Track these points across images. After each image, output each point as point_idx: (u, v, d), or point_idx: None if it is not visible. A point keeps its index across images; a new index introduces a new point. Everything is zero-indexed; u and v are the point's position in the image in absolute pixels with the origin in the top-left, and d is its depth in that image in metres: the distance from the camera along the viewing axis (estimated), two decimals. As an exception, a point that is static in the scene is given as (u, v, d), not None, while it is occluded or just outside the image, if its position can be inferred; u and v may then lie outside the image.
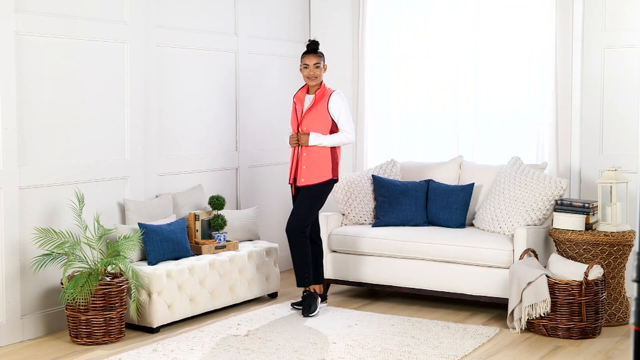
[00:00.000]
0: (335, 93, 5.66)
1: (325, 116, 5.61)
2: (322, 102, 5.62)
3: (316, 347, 4.83)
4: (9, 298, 4.92)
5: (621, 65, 6.03)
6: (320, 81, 5.65)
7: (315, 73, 5.61)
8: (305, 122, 5.62)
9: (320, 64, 5.64)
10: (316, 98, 5.63)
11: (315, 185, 5.61)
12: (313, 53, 5.64)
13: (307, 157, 5.61)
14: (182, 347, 4.81)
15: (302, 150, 5.62)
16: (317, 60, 5.62)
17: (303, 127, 5.62)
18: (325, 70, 5.69)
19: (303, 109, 5.67)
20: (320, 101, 5.62)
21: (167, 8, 5.96)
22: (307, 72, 5.63)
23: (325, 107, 5.61)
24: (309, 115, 5.62)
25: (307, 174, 5.60)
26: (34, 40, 5.04)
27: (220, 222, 5.76)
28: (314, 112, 5.62)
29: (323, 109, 5.61)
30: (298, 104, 5.71)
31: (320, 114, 5.61)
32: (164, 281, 5.17)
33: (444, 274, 5.68)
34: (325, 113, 5.61)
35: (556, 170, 6.22)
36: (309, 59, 5.63)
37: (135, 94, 5.68)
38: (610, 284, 5.30)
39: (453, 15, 6.71)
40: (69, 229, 5.14)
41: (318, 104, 5.62)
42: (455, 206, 5.99)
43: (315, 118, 5.61)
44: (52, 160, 5.16)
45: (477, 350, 4.81)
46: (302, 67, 5.66)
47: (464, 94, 6.69)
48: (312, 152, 5.60)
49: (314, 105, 5.62)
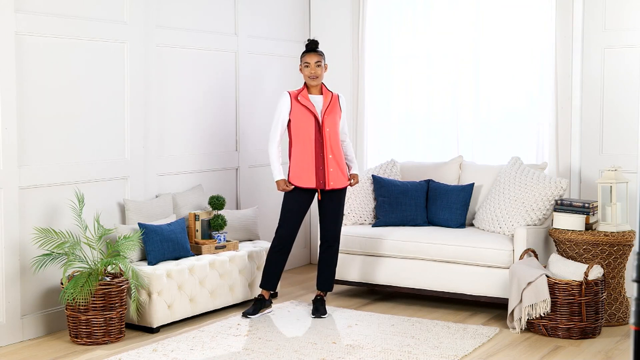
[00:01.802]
0: (340, 94, 5.64)
1: (338, 117, 5.55)
2: (335, 102, 5.54)
3: (316, 347, 4.83)
4: (9, 298, 4.92)
5: (621, 65, 6.03)
6: (321, 80, 5.55)
7: (317, 72, 5.49)
8: (328, 123, 5.47)
9: (322, 62, 5.52)
10: (329, 98, 5.51)
11: (344, 189, 5.56)
12: (314, 51, 5.52)
13: (332, 159, 5.47)
14: (182, 347, 4.81)
15: (327, 152, 5.46)
16: (318, 59, 5.51)
17: (326, 128, 5.45)
18: (326, 69, 5.58)
19: (318, 109, 5.48)
20: (333, 101, 5.53)
21: (167, 8, 5.96)
22: (308, 70, 5.49)
23: (338, 108, 5.55)
24: (329, 115, 5.48)
25: (335, 176, 5.48)
26: (34, 40, 5.04)
27: (220, 222, 5.76)
28: (332, 113, 5.50)
29: (336, 109, 5.54)
30: (304, 105, 5.46)
31: (336, 114, 5.53)
32: (164, 281, 5.17)
33: (444, 274, 5.68)
34: (339, 113, 5.55)
35: (556, 170, 6.23)
36: (310, 58, 5.50)
37: (135, 94, 5.68)
38: (610, 284, 5.30)
39: (453, 15, 6.71)
40: (69, 229, 5.14)
41: (332, 104, 5.51)
42: (455, 206, 5.99)
43: (334, 119, 5.50)
44: (52, 160, 5.16)
45: (477, 350, 4.81)
46: (303, 66, 5.52)
47: (464, 94, 6.69)
48: (338, 154, 5.50)
49: (331, 105, 5.51)
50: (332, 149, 5.46)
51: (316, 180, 5.44)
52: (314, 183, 5.45)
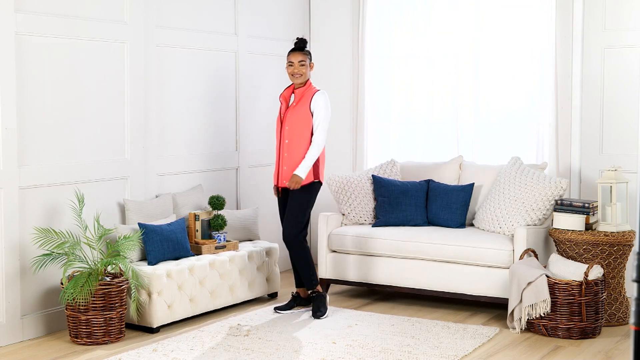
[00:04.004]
0: (319, 92, 5.56)
1: (307, 115, 5.51)
2: (305, 100, 5.54)
3: (316, 347, 4.83)
4: (9, 298, 4.92)
5: (621, 65, 6.03)
6: (305, 79, 5.57)
7: (300, 70, 5.53)
8: (288, 121, 5.54)
9: (306, 61, 5.56)
10: (299, 96, 5.55)
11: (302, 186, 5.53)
12: (299, 51, 5.57)
13: (288, 157, 5.54)
14: (182, 347, 4.81)
15: (283, 150, 5.56)
16: (302, 58, 5.55)
17: (285, 126, 5.53)
18: (312, 68, 5.63)
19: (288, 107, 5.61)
20: (302, 99, 5.54)
21: (167, 8, 5.96)
22: (291, 69, 5.55)
23: (307, 106, 5.52)
24: (292, 113, 5.54)
25: (288, 175, 5.52)
26: (34, 40, 5.04)
27: (220, 222, 5.76)
28: (296, 110, 5.54)
29: (305, 108, 5.52)
30: (283, 103, 5.63)
31: (302, 112, 5.52)
32: (164, 281, 5.17)
33: (444, 274, 5.68)
34: (307, 112, 5.52)
35: (556, 170, 6.22)
36: (294, 57, 5.56)
37: (135, 94, 5.68)
38: (610, 284, 5.30)
39: (453, 15, 6.71)
40: (69, 229, 5.14)
41: (300, 102, 5.54)
42: (455, 206, 5.99)
43: (297, 116, 5.52)
44: (52, 160, 5.16)
45: (477, 350, 4.81)
46: (287, 64, 5.59)
47: (464, 94, 6.69)
48: (293, 152, 5.52)
49: (297, 103, 5.55)
50: (288, 147, 5.54)
51: (278, 177, 5.62)
52: (276, 180, 5.64)
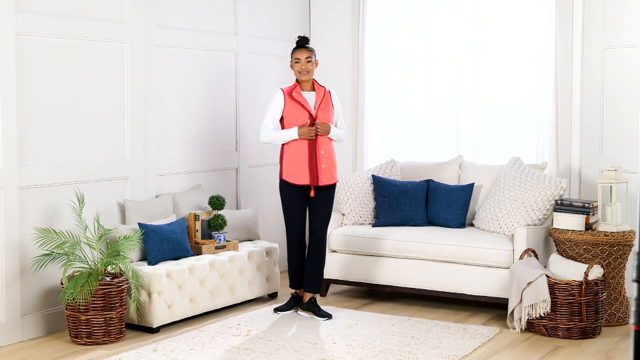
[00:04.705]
0: (332, 91, 5.65)
1: (332, 112, 5.55)
2: (327, 98, 5.55)
3: (316, 347, 4.83)
4: (9, 298, 4.92)
5: (621, 65, 6.03)
6: (312, 76, 5.56)
7: (308, 67, 5.50)
8: (320, 119, 5.47)
9: (312, 58, 5.53)
10: (320, 95, 5.52)
11: (334, 185, 5.56)
12: (304, 47, 5.53)
13: (325, 155, 5.48)
14: (182, 347, 4.81)
15: (319, 148, 5.46)
16: (308, 54, 5.51)
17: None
18: (317, 65, 5.59)
19: (312, 105, 5.50)
20: (325, 97, 5.54)
21: (167, 8, 5.96)
22: (299, 66, 5.50)
23: (330, 103, 5.55)
24: (322, 112, 5.49)
25: (327, 172, 5.49)
26: (34, 40, 5.04)
27: (220, 222, 5.76)
28: (325, 110, 5.51)
29: (329, 106, 5.54)
30: (297, 101, 5.47)
31: (329, 110, 5.53)
32: (164, 281, 5.17)
33: (444, 274, 5.68)
34: (331, 109, 5.55)
35: (556, 170, 6.23)
36: (301, 53, 5.51)
37: (135, 94, 5.68)
38: (610, 284, 5.30)
39: (453, 15, 6.71)
40: (69, 229, 5.14)
41: (324, 99, 5.52)
42: (455, 206, 5.99)
43: (327, 115, 5.51)
44: (52, 160, 5.16)
45: (477, 350, 4.81)
46: (294, 62, 5.53)
47: (464, 94, 6.68)
48: (329, 150, 5.49)
49: (323, 100, 5.52)
50: (324, 144, 5.48)
51: (310, 176, 5.45)
52: (308, 180, 5.46)
